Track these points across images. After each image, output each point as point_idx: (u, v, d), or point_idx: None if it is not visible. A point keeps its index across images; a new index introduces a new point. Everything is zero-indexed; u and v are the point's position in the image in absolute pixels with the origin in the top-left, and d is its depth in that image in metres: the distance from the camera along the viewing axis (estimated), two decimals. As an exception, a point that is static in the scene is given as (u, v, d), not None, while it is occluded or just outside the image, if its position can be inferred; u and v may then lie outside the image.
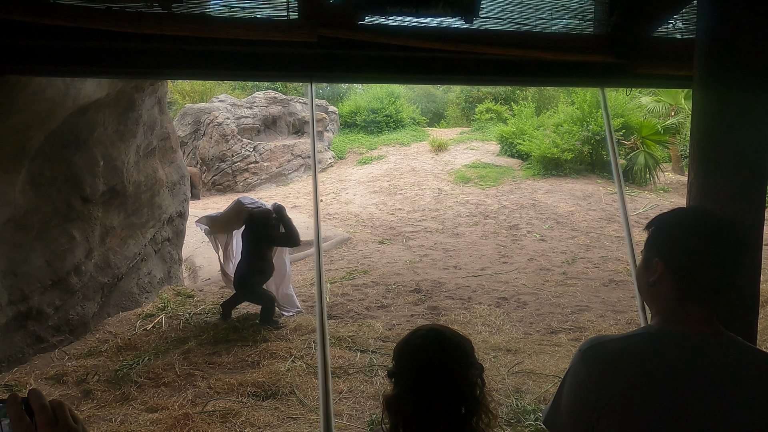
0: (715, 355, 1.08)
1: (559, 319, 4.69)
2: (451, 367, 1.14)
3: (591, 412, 1.10)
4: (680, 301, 1.12)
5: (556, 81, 3.65)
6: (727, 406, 1.04)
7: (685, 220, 1.17)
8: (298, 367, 3.76)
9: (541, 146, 11.56)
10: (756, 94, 2.12)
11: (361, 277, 6.15)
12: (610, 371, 1.09)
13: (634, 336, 1.15)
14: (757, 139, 2.15)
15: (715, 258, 1.09)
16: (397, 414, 1.15)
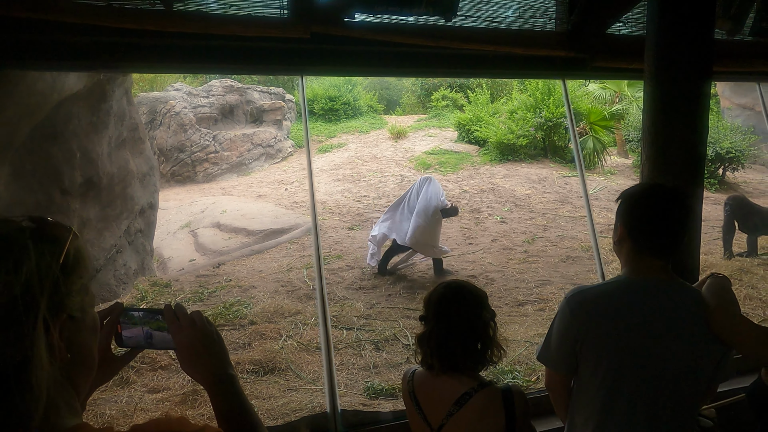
0: (667, 295, 1.42)
1: (525, 293, 5.10)
2: (466, 309, 1.44)
3: (575, 343, 1.44)
4: (639, 254, 1.46)
5: (524, 74, 3.99)
6: (673, 331, 1.38)
7: (640, 193, 1.53)
8: (290, 345, 3.97)
9: (498, 133, 12.05)
10: (697, 86, 2.49)
11: (335, 262, 6.37)
12: (588, 311, 1.43)
13: (607, 284, 1.52)
14: (697, 125, 2.53)
15: (665, 221, 1.43)
16: (425, 347, 1.47)
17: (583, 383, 1.48)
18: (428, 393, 1.46)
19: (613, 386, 1.41)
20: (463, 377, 1.42)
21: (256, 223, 8.29)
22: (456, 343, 1.42)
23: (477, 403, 1.39)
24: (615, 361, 1.40)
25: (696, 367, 1.40)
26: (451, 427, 1.40)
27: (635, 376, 1.39)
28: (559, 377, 1.54)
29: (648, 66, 2.57)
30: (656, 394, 1.39)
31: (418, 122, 16.62)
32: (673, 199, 1.47)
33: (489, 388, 1.43)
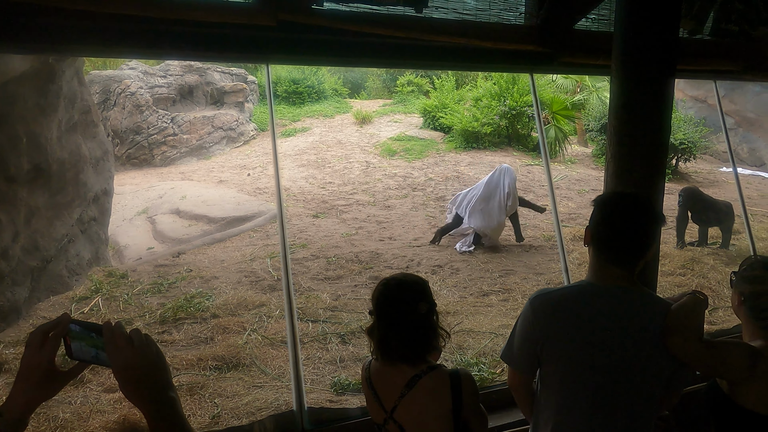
0: (628, 304, 1.45)
1: (489, 283, 5.17)
2: (404, 305, 1.51)
3: (536, 344, 1.49)
4: (603, 261, 1.49)
5: (493, 67, 3.96)
6: (632, 340, 1.42)
7: (609, 201, 1.55)
8: (255, 339, 3.90)
9: (462, 120, 12.10)
10: (662, 84, 2.53)
11: (300, 251, 6.28)
12: (550, 314, 1.47)
13: (570, 288, 1.54)
14: (662, 124, 2.58)
15: (629, 230, 1.46)
16: (372, 339, 1.56)
17: (544, 384, 1.52)
18: (382, 379, 1.54)
19: (571, 388, 1.46)
20: (413, 363, 1.50)
21: (217, 209, 8.07)
22: (395, 337, 1.49)
23: (426, 384, 1.47)
24: (573, 364, 1.45)
25: (653, 376, 1.44)
26: (403, 408, 1.49)
27: (592, 380, 1.43)
28: (522, 377, 1.59)
29: (615, 64, 2.59)
30: (612, 398, 1.43)
31: (383, 107, 16.51)
32: (640, 211, 1.49)
33: (438, 370, 1.50)
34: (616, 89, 2.62)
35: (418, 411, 1.49)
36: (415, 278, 1.59)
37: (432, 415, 1.48)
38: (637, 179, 2.63)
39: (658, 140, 2.62)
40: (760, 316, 1.50)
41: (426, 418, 1.49)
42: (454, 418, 1.48)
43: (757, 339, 1.52)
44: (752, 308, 1.53)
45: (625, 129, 2.62)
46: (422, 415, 1.49)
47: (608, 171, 2.77)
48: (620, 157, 2.67)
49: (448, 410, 1.47)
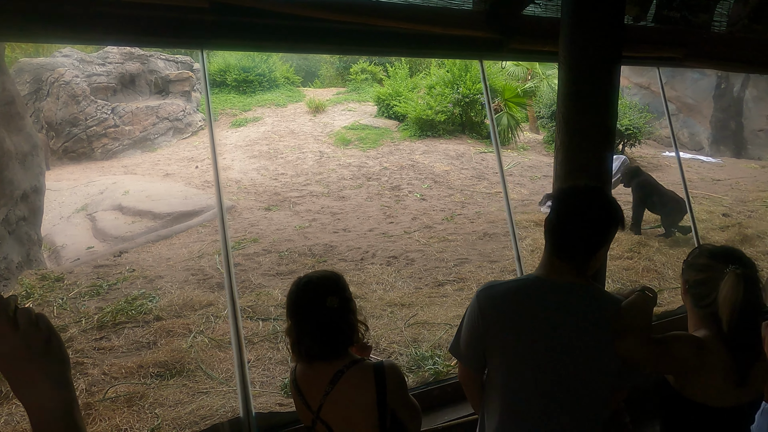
0: (575, 300, 1.41)
1: (444, 273, 5.14)
2: (313, 304, 1.47)
3: (482, 338, 1.45)
4: (553, 256, 1.44)
5: (442, 53, 3.88)
6: (578, 336, 1.38)
7: (565, 194, 1.48)
8: (201, 342, 3.70)
9: (416, 108, 12.04)
10: (608, 71, 2.51)
11: (251, 245, 6.06)
12: (495, 307, 1.43)
13: (517, 281, 1.49)
14: (609, 110, 2.55)
15: (581, 226, 1.40)
16: (290, 340, 1.52)
17: (490, 378, 1.49)
18: (307, 380, 1.51)
19: (515, 384, 1.43)
20: (334, 360, 1.47)
21: (163, 204, 7.69)
22: (309, 336, 1.46)
23: (350, 378, 1.45)
24: (516, 359, 1.41)
25: (598, 373, 1.41)
26: (328, 406, 1.46)
27: (535, 377, 1.40)
28: (470, 371, 1.55)
29: (562, 50, 2.55)
30: (557, 396, 1.40)
31: (337, 96, 16.24)
32: (596, 207, 1.43)
33: (360, 364, 1.48)
34: (564, 76, 2.58)
35: (343, 406, 1.46)
36: (328, 274, 1.55)
37: (357, 409, 1.45)
38: (585, 166, 2.61)
39: (605, 127, 2.60)
40: (701, 303, 1.49)
41: (351, 413, 1.46)
42: (379, 410, 1.45)
43: (701, 328, 1.50)
44: (695, 296, 1.51)
45: (573, 116, 2.59)
46: (347, 410, 1.46)
47: (557, 159, 2.73)
48: (569, 144, 2.64)
49: (373, 403, 1.44)
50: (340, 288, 1.51)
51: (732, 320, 1.38)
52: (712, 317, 1.45)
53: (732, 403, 1.46)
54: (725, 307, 1.39)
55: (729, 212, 7.61)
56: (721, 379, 1.44)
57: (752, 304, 1.39)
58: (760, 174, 10.86)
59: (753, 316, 1.40)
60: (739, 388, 1.43)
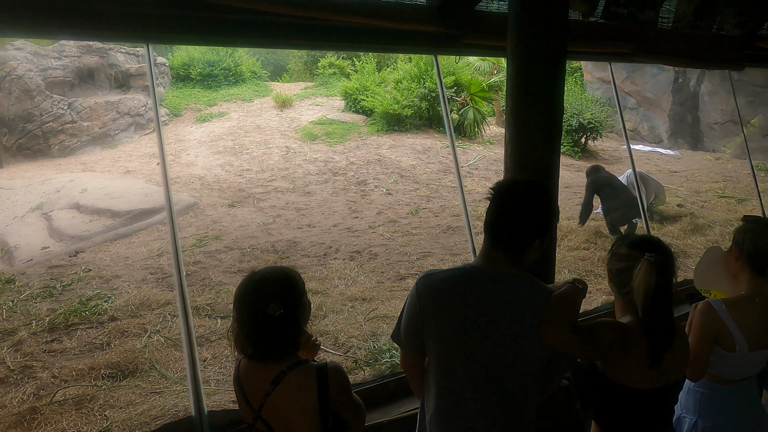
0: (509, 290, 1.46)
1: (407, 266, 5.17)
2: (254, 302, 1.44)
3: (419, 325, 1.49)
4: (490, 247, 1.49)
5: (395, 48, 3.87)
6: (509, 324, 1.43)
7: (501, 187, 1.52)
8: (156, 341, 3.64)
9: (383, 103, 12.04)
10: (554, 65, 2.56)
11: (213, 243, 5.98)
12: (432, 295, 1.47)
13: (454, 270, 1.52)
14: (554, 101, 2.60)
15: (515, 217, 1.44)
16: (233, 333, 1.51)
17: (428, 365, 1.54)
18: (249, 377, 1.50)
19: (449, 372, 1.47)
20: (277, 361, 1.47)
21: (123, 202, 7.50)
22: (248, 337, 1.45)
23: (292, 380, 1.44)
24: (450, 347, 1.45)
25: (529, 361, 1.46)
26: (269, 406, 1.46)
27: (468, 365, 1.44)
28: (411, 358, 1.59)
29: (510, 45, 2.58)
30: (488, 380, 1.45)
31: (304, 90, 16.10)
32: (530, 199, 1.47)
33: (304, 365, 1.47)
34: (512, 71, 2.62)
35: (284, 407, 1.45)
36: (280, 276, 1.50)
37: (298, 410, 1.45)
38: (534, 160, 2.66)
39: (552, 120, 2.65)
40: (623, 291, 1.55)
41: (292, 414, 1.45)
42: (321, 412, 1.45)
43: (626, 314, 1.56)
44: (618, 284, 1.57)
45: (521, 110, 2.63)
46: (288, 412, 1.45)
47: (507, 153, 2.78)
48: (518, 138, 2.69)
49: (315, 404, 1.45)
50: (287, 294, 1.47)
51: (646, 306, 1.45)
52: (633, 304, 1.51)
53: (653, 384, 1.52)
54: (639, 293, 1.45)
55: (683, 203, 7.89)
56: (641, 363, 1.50)
57: (665, 290, 1.46)
58: (714, 166, 11.28)
59: (666, 301, 1.47)
60: (653, 370, 1.49)
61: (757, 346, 1.77)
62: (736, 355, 1.77)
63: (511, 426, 1.49)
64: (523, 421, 1.52)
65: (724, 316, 1.76)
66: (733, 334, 1.75)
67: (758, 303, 1.76)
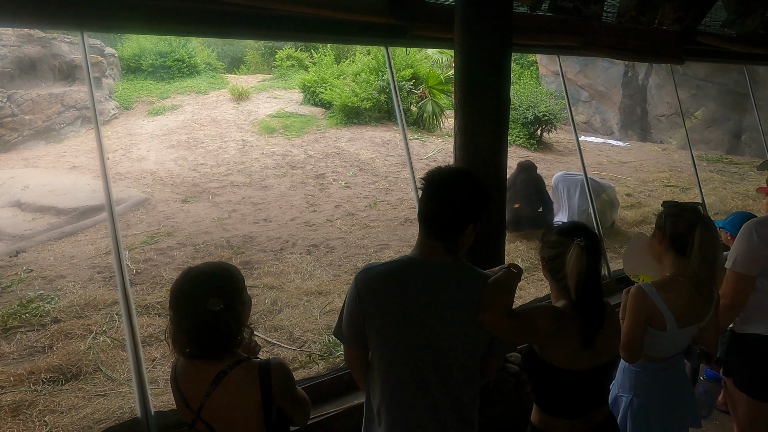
0: (446, 278, 1.47)
1: (364, 259, 5.17)
2: (194, 302, 1.39)
3: (359, 318, 1.49)
4: (425, 237, 1.50)
5: (346, 39, 3.86)
6: (447, 312, 1.45)
7: (431, 175, 1.53)
8: (102, 342, 3.50)
9: (342, 95, 11.96)
10: (498, 56, 2.59)
11: (165, 239, 5.80)
12: (371, 289, 1.47)
13: (392, 263, 1.52)
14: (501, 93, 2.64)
15: (446, 205, 1.46)
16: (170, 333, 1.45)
17: (372, 357, 1.55)
18: (187, 377, 1.46)
19: (391, 363, 1.49)
20: (217, 359, 1.42)
21: (68, 199, 7.17)
22: (186, 335, 1.41)
23: (233, 379, 1.41)
24: (391, 339, 1.47)
25: (470, 347, 1.49)
26: (210, 407, 1.42)
27: (410, 355, 1.46)
28: (354, 353, 1.58)
29: (457, 37, 2.60)
30: (430, 369, 1.47)
31: (262, 83, 15.79)
32: (459, 185, 1.48)
33: (245, 363, 1.44)
34: (459, 63, 2.64)
35: (225, 407, 1.42)
36: (218, 270, 1.46)
37: (241, 409, 1.42)
38: (482, 151, 2.69)
39: (499, 111, 2.68)
40: (557, 277, 1.60)
41: (234, 413, 1.42)
42: (265, 409, 1.43)
43: (560, 299, 1.61)
44: (551, 271, 1.62)
45: (468, 101, 2.66)
46: (230, 411, 1.42)
47: (456, 144, 2.80)
48: (465, 129, 2.71)
49: (258, 402, 1.42)
50: (227, 288, 1.43)
51: (578, 288, 1.50)
52: (566, 289, 1.56)
53: (586, 365, 1.58)
54: (572, 276, 1.50)
55: (632, 192, 8.20)
56: (575, 345, 1.55)
57: (595, 272, 1.52)
58: (661, 156, 11.76)
59: (597, 283, 1.53)
60: (586, 350, 1.55)
61: (684, 324, 1.86)
62: (667, 334, 1.86)
63: (455, 412, 1.52)
64: (467, 407, 1.54)
65: (655, 297, 1.83)
66: (663, 314, 1.83)
67: (682, 282, 1.84)
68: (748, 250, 1.98)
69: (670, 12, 4.26)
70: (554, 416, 1.65)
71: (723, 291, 2.07)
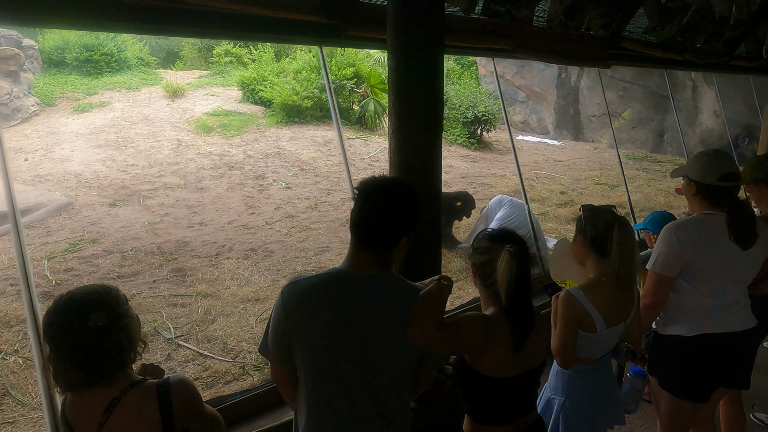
0: (376, 291, 1.43)
1: (304, 263, 5.06)
2: (67, 324, 1.29)
3: (286, 335, 1.42)
4: (356, 249, 1.45)
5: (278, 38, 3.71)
6: (378, 326, 1.41)
7: (363, 186, 1.48)
8: (12, 363, 3.21)
9: (282, 93, 11.71)
10: (430, 57, 2.56)
11: (89, 247, 5.43)
12: (298, 303, 1.41)
13: (320, 275, 1.46)
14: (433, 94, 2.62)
15: (377, 216, 1.42)
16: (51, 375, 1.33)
17: (299, 373, 1.48)
18: (76, 410, 1.34)
19: (319, 378, 1.43)
20: (108, 385, 1.32)
21: (-22, 205, 6.57)
22: (69, 362, 1.29)
23: (129, 403, 1.32)
24: (319, 353, 1.41)
25: (400, 361, 1.45)
26: None
27: (339, 369, 1.41)
28: (282, 370, 1.51)
29: (389, 38, 2.55)
30: (359, 387, 1.42)
31: (198, 79, 15.21)
32: (391, 197, 1.44)
33: (140, 385, 1.34)
34: (392, 64, 2.59)
35: None
36: (96, 288, 1.36)
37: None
38: (416, 153, 2.66)
39: (432, 113, 2.66)
40: (486, 283, 1.59)
41: None
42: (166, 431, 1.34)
43: (490, 306, 1.61)
44: (481, 277, 1.61)
45: (401, 103, 2.62)
46: None
47: (391, 146, 2.76)
48: (399, 131, 2.67)
49: (158, 425, 1.32)
50: (107, 301, 1.33)
51: (509, 294, 1.50)
52: (496, 295, 1.55)
53: (514, 372, 1.58)
54: (502, 282, 1.50)
55: (566, 190, 8.52)
56: (504, 352, 1.55)
57: (525, 277, 1.52)
58: (593, 155, 12.32)
59: (527, 288, 1.53)
60: (517, 355, 1.55)
61: (612, 323, 1.91)
62: (597, 335, 1.90)
63: (385, 427, 1.48)
64: (398, 422, 1.51)
65: (583, 300, 1.87)
66: (593, 315, 1.87)
67: (606, 282, 1.89)
68: (668, 252, 2.06)
69: (596, 18, 4.43)
70: (484, 424, 1.65)
71: (644, 291, 2.15)
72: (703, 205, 2.14)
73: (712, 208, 2.11)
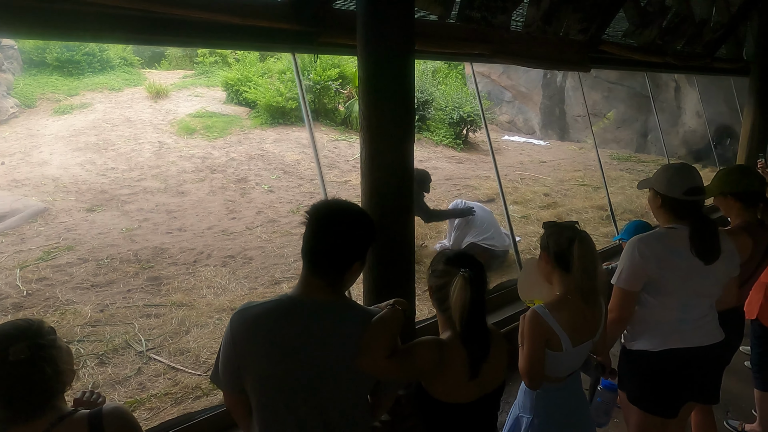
0: (328, 317, 1.38)
1: (283, 270, 5.00)
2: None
3: (235, 363, 1.38)
4: (308, 274, 1.41)
5: (249, 45, 3.64)
6: (330, 352, 1.36)
7: (314, 211, 1.44)
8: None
9: (267, 95, 11.61)
10: (400, 63, 2.52)
11: (63, 254, 5.32)
12: (247, 331, 1.36)
13: (270, 302, 1.41)
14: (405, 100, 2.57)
15: (331, 244, 1.37)
16: None
17: (251, 401, 1.44)
18: None
19: (270, 407, 1.39)
20: (35, 420, 1.26)
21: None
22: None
23: None
24: (270, 381, 1.37)
25: (354, 388, 1.42)
26: None
27: (289, 398, 1.37)
28: (234, 398, 1.47)
29: (360, 44, 2.51)
30: (312, 416, 1.38)
31: (183, 80, 15.05)
32: (344, 222, 1.40)
33: (71, 418, 1.28)
34: (362, 72, 2.54)
35: None
36: (17, 323, 1.30)
37: None
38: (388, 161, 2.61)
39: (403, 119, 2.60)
40: (442, 307, 1.56)
41: None
42: None
43: (446, 330, 1.58)
44: (437, 300, 1.58)
45: (372, 111, 2.56)
46: None
47: (362, 157, 2.70)
48: (370, 140, 2.62)
49: None
50: (29, 334, 1.27)
51: (463, 319, 1.46)
52: (451, 320, 1.52)
53: (473, 396, 1.55)
54: (455, 308, 1.46)
55: (549, 192, 8.53)
56: (460, 376, 1.51)
57: (480, 303, 1.49)
58: (578, 155, 12.37)
59: (481, 313, 1.50)
60: (473, 381, 1.52)
61: (578, 341, 1.88)
62: (563, 354, 1.87)
63: None
64: None
65: (549, 319, 1.84)
66: (558, 334, 1.84)
67: (571, 300, 1.86)
68: (631, 267, 2.04)
69: (575, 23, 4.41)
70: (444, 451, 1.61)
71: (609, 305, 2.13)
72: (668, 218, 2.12)
73: (676, 222, 2.09)
